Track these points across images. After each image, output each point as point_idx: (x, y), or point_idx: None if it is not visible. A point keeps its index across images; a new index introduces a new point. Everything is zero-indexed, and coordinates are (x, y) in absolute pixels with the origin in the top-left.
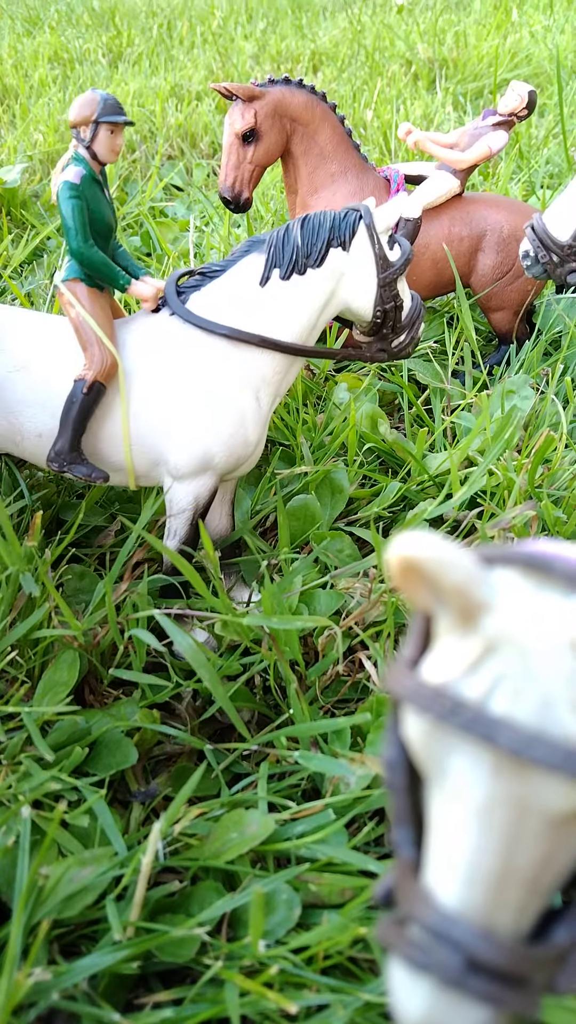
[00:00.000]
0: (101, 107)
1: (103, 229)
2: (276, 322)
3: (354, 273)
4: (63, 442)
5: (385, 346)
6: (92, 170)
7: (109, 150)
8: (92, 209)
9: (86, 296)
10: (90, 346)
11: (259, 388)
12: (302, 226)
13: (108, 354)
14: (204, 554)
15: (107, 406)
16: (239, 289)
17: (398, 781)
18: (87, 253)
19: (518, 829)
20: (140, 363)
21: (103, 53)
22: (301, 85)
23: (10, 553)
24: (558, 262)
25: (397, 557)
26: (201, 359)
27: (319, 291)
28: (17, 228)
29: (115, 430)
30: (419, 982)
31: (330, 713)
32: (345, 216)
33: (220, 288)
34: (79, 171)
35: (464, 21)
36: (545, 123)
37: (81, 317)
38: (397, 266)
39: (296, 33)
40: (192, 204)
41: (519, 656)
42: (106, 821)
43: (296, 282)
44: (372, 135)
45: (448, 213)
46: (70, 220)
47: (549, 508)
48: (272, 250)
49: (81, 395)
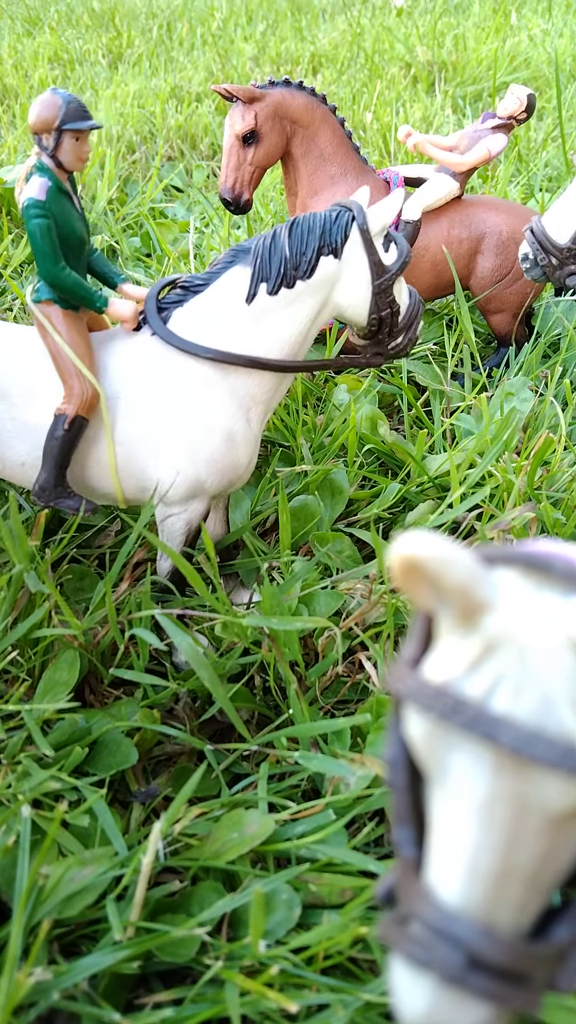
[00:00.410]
0: (64, 112)
1: (74, 243)
2: (265, 340)
3: (347, 281)
4: (46, 477)
5: (382, 350)
6: (58, 180)
7: (75, 158)
8: (61, 224)
9: (61, 321)
10: (69, 378)
11: (249, 408)
12: (290, 233)
13: (88, 386)
14: (203, 557)
15: (91, 435)
16: (224, 306)
17: (399, 780)
18: (59, 276)
19: (519, 826)
20: (123, 388)
21: (103, 54)
22: (301, 87)
23: (17, 551)
24: (557, 265)
25: (399, 557)
26: (186, 383)
27: (310, 304)
28: (17, 228)
29: (100, 458)
30: (420, 979)
31: (330, 714)
32: (336, 219)
33: (204, 305)
34: (44, 184)
35: (463, 24)
36: (544, 126)
37: (58, 346)
38: (393, 271)
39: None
40: (192, 205)
41: (519, 655)
42: (106, 821)
43: (285, 296)
44: (371, 137)
45: (447, 216)
46: (38, 242)
47: (548, 510)
48: (258, 262)
49: (62, 431)
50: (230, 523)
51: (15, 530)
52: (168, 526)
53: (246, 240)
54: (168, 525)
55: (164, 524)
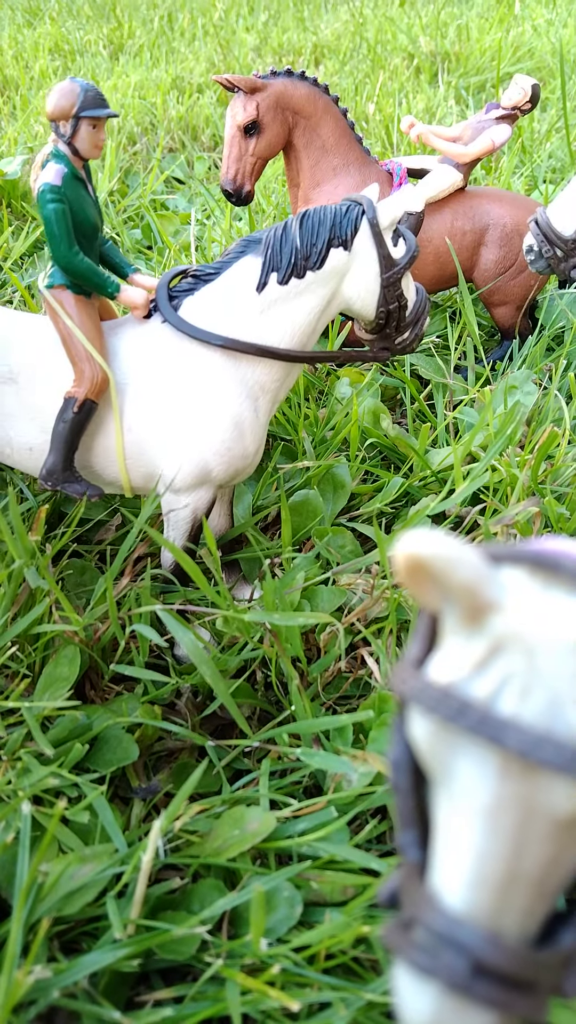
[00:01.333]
0: (82, 99)
1: (88, 230)
2: (274, 329)
3: (356, 273)
4: (54, 460)
5: (388, 344)
6: (74, 167)
7: (92, 146)
8: (75, 211)
9: (73, 305)
10: (80, 362)
11: (257, 397)
12: (300, 224)
13: (99, 370)
14: (206, 552)
15: (99, 420)
16: (234, 295)
17: (403, 782)
18: (73, 261)
19: (525, 831)
20: (133, 375)
21: (104, 45)
22: (303, 77)
23: (17, 546)
24: (562, 257)
25: (404, 555)
26: (196, 370)
27: (319, 294)
28: (18, 220)
29: (108, 444)
30: (425, 986)
31: (332, 710)
32: (347, 212)
33: (214, 293)
34: (60, 170)
35: (466, 14)
36: (548, 117)
37: (69, 330)
38: (402, 264)
39: (298, 26)
40: (193, 197)
41: (527, 656)
42: (106, 817)
43: (295, 286)
44: (374, 128)
45: (451, 207)
46: (53, 227)
47: (552, 504)
48: (269, 252)
49: (72, 413)
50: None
51: (15, 525)
52: (173, 518)
53: (257, 231)
54: (173, 517)
55: (169, 516)
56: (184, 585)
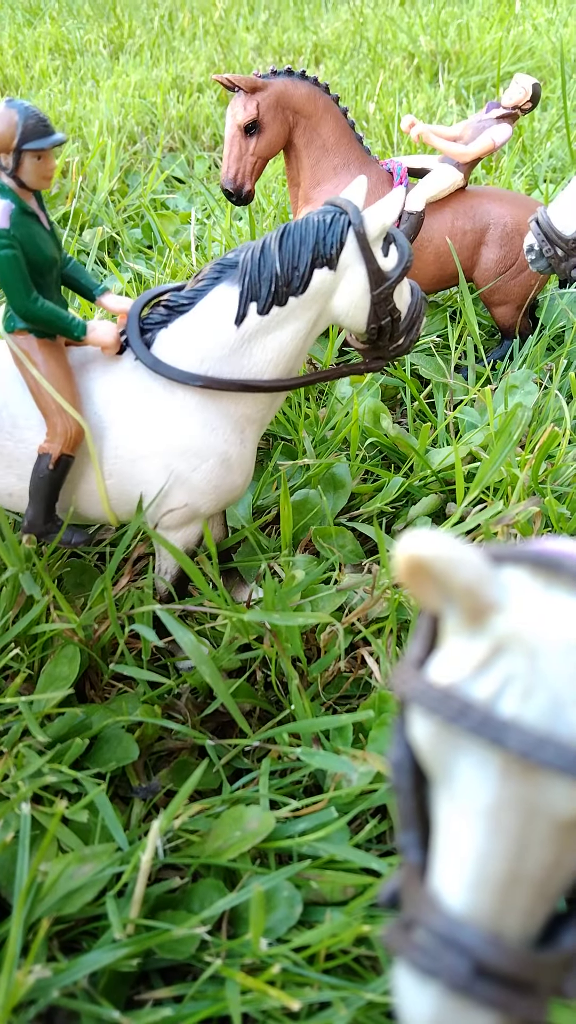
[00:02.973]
0: (21, 130)
1: (44, 266)
2: (256, 361)
3: (344, 291)
4: (34, 513)
5: (382, 354)
6: (22, 202)
7: (39, 177)
8: (28, 251)
9: (38, 352)
10: (51, 415)
11: (244, 429)
12: (280, 245)
13: (72, 423)
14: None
15: (80, 469)
16: (211, 329)
17: (404, 783)
18: (31, 309)
19: (526, 833)
20: (109, 417)
21: (104, 44)
22: (304, 77)
23: (9, 554)
24: (563, 256)
25: (405, 556)
26: (176, 411)
27: (304, 319)
28: None
29: (90, 488)
30: (426, 987)
31: (332, 709)
32: (331, 225)
33: (189, 326)
34: (6, 207)
35: (467, 14)
36: (548, 117)
37: (36, 381)
38: (393, 278)
39: (298, 25)
40: (194, 196)
41: (528, 657)
42: (107, 814)
43: (276, 314)
44: (375, 128)
45: (451, 207)
46: (6, 275)
47: (553, 504)
48: (247, 280)
49: (47, 470)
50: (227, 516)
51: (6, 534)
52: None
53: (232, 251)
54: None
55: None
56: (182, 597)
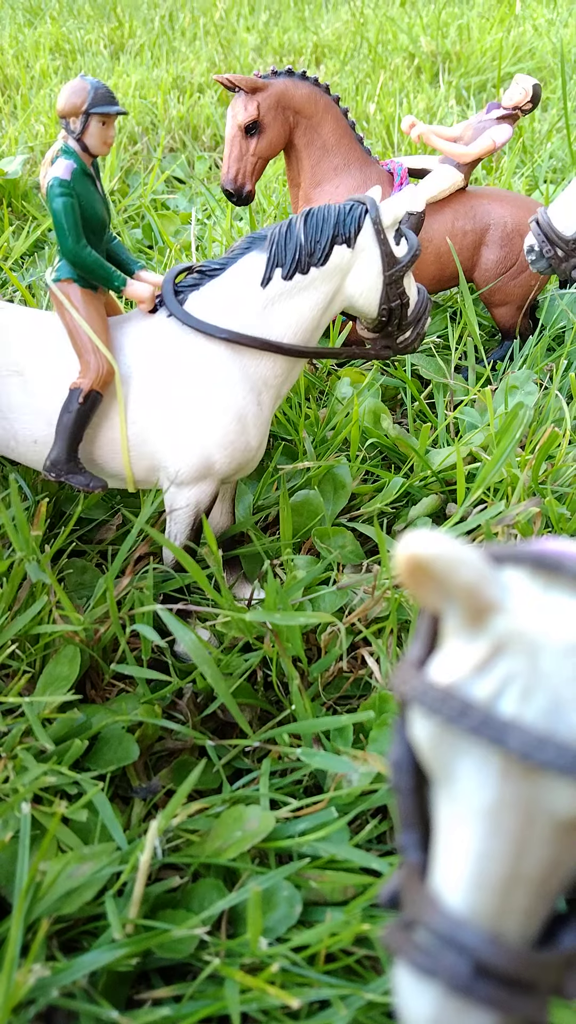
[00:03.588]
0: (92, 96)
1: (96, 225)
2: (278, 324)
3: (359, 270)
4: (58, 451)
5: (390, 343)
6: (83, 163)
7: (101, 142)
8: (84, 206)
9: (80, 299)
10: (85, 353)
11: (260, 391)
12: (305, 222)
13: (104, 361)
14: (207, 551)
15: (104, 413)
16: (239, 289)
17: (405, 783)
18: (80, 254)
19: (526, 833)
20: (137, 367)
21: (105, 44)
22: (304, 77)
23: (19, 539)
24: (563, 257)
25: (406, 556)
26: (200, 363)
27: (323, 290)
28: (18, 220)
29: (113, 437)
30: (426, 987)
31: (332, 710)
32: (350, 210)
33: (219, 288)
34: (69, 165)
35: (467, 14)
36: (549, 117)
37: (75, 322)
38: (404, 262)
39: (298, 25)
40: (194, 197)
41: (528, 657)
42: (106, 814)
43: (299, 282)
44: (375, 128)
45: (452, 207)
46: (61, 219)
47: (553, 504)
48: (274, 248)
49: (77, 404)
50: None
51: (17, 518)
52: (175, 504)
53: (262, 228)
54: (176, 503)
55: (171, 501)
56: (187, 592)
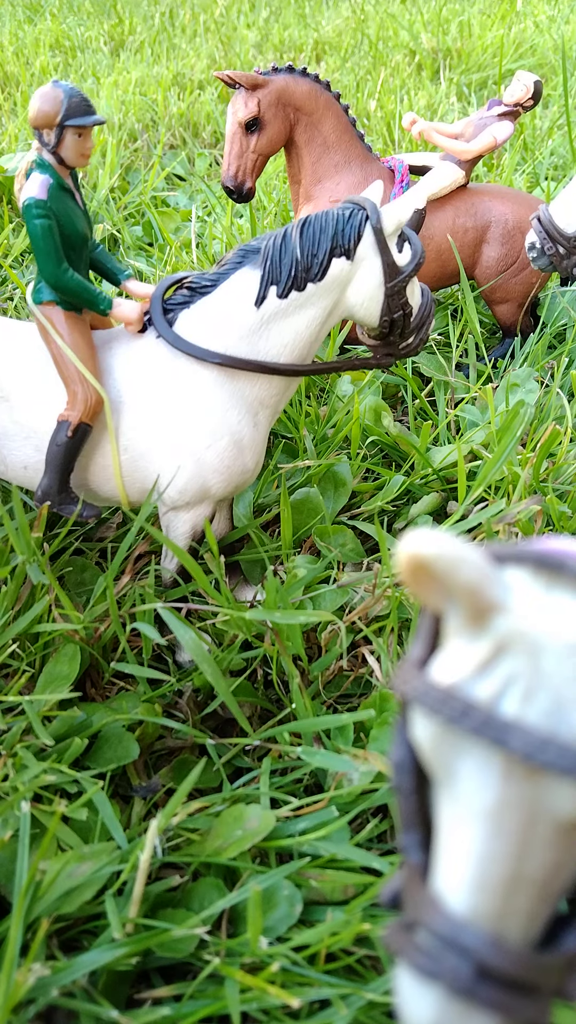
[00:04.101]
0: (65, 106)
1: (76, 241)
2: (274, 344)
3: (359, 282)
4: (49, 482)
5: (392, 350)
6: (59, 177)
7: (78, 155)
8: (63, 223)
9: (63, 323)
10: (72, 384)
11: (256, 412)
12: (301, 233)
13: (92, 392)
14: (208, 555)
15: (95, 440)
16: (231, 309)
17: (406, 783)
18: (62, 279)
19: (528, 834)
20: (128, 392)
21: (105, 41)
22: (305, 74)
23: (20, 542)
24: (564, 254)
25: (407, 555)
26: (193, 387)
27: (320, 306)
28: (18, 217)
29: (105, 463)
30: (428, 990)
31: (333, 708)
32: (349, 218)
33: (211, 307)
34: (44, 181)
35: (468, 11)
36: (550, 114)
37: (60, 350)
38: (407, 272)
39: (299, 22)
40: (194, 194)
41: (530, 657)
42: (106, 812)
43: (295, 299)
44: (376, 125)
45: (453, 204)
46: (40, 243)
47: (554, 503)
48: (268, 264)
49: (65, 437)
50: (233, 518)
51: (18, 521)
52: (172, 527)
53: (255, 239)
54: (172, 526)
55: (167, 525)
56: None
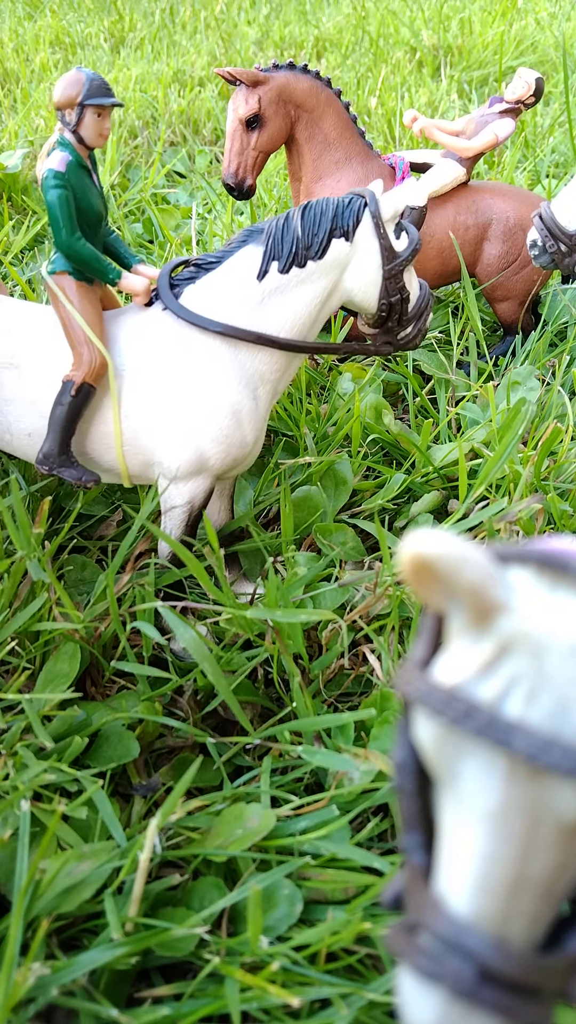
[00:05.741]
0: (87, 88)
1: (92, 218)
2: (275, 318)
3: (358, 265)
4: (51, 444)
5: (391, 339)
6: (79, 156)
7: (96, 134)
8: (80, 198)
9: (74, 291)
10: (78, 345)
11: (256, 387)
12: (302, 215)
13: (97, 354)
14: (208, 549)
15: (97, 406)
16: (235, 283)
17: (408, 784)
18: (75, 247)
19: (532, 836)
20: (131, 361)
21: (105, 38)
22: (306, 70)
23: (20, 537)
24: (566, 252)
25: (410, 555)
26: (195, 357)
27: (320, 285)
28: (18, 214)
29: (106, 431)
30: (430, 992)
31: (333, 707)
32: (349, 203)
33: (215, 281)
34: (64, 157)
35: (469, 8)
36: (551, 111)
37: (69, 314)
38: (404, 256)
39: (300, 19)
40: (195, 191)
41: (534, 658)
42: (106, 811)
43: (296, 275)
44: (376, 122)
45: (454, 202)
46: (56, 211)
47: (555, 501)
48: (270, 241)
49: (69, 397)
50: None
51: (18, 516)
52: (171, 500)
53: (260, 222)
54: (171, 499)
55: (166, 497)
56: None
